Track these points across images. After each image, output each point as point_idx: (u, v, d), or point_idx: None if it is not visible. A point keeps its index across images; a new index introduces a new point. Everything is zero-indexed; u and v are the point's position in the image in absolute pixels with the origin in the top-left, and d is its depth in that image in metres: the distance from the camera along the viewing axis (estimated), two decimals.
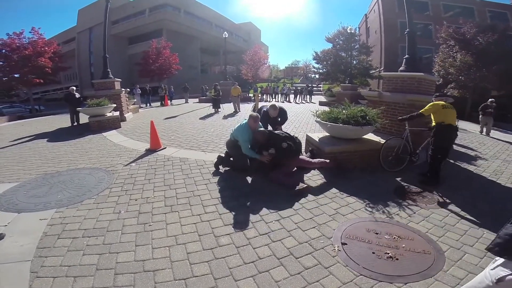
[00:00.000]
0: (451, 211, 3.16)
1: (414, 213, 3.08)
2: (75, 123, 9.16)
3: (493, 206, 3.37)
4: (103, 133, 7.32)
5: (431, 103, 4.18)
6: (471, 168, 5.06)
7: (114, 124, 8.12)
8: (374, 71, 27.92)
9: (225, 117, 10.56)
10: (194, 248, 2.30)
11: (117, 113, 8.75)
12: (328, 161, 4.14)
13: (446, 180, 4.22)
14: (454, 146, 6.52)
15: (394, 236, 2.55)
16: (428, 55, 21.00)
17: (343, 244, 2.39)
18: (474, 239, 2.59)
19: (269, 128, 5.20)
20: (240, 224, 2.71)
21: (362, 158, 4.52)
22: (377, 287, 1.95)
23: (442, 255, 2.31)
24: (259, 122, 4.27)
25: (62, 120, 10.66)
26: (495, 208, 3.29)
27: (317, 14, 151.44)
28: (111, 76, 9.47)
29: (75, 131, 7.92)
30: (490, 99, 10.11)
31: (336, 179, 3.92)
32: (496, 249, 1.20)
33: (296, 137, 4.33)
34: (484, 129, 9.72)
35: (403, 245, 2.41)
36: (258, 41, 51.74)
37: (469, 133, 9.24)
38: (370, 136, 4.95)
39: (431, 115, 4.13)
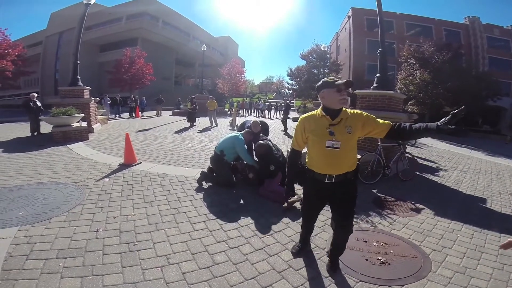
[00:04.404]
0: (426, 218, 3.41)
1: (394, 221, 3.28)
2: (35, 133, 8.34)
3: (460, 211, 3.73)
4: (68, 145, 6.75)
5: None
6: (435, 179, 5.55)
7: (81, 135, 7.53)
8: None
9: (202, 131, 10.38)
10: (189, 267, 2.17)
11: (84, 124, 8.16)
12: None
13: (416, 191, 4.56)
14: (419, 160, 7.12)
15: (381, 243, 2.68)
16: (390, 73, 22.56)
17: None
18: (451, 242, 2.84)
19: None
20: (234, 240, 2.63)
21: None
22: None
23: (427, 258, 2.49)
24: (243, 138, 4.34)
25: (20, 129, 9.70)
26: (461, 214, 3.63)
27: (293, 31, 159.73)
28: (81, 84, 8.87)
29: (36, 142, 7.19)
30: None
31: None
32: None
33: (282, 155, 4.41)
34: None
35: (392, 251, 2.55)
36: (235, 56, 52.01)
37: (428, 147, 10.15)
38: None
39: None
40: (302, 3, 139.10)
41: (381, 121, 1.85)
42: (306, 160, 2.05)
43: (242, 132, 4.40)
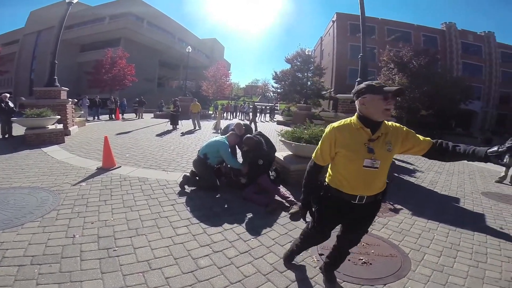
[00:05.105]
0: (404, 218, 3.54)
1: (374, 221, 3.35)
2: (7, 136, 7.85)
3: (435, 211, 3.90)
4: (42, 148, 6.41)
5: None
6: (412, 180, 5.79)
7: (56, 138, 7.18)
8: (325, 92, 30.22)
9: (185, 134, 10.21)
10: (172, 272, 2.12)
11: (60, 126, 7.79)
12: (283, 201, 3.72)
13: (394, 192, 4.73)
14: (396, 162, 7.41)
15: (362, 243, 2.71)
16: (371, 77, 22.89)
17: (320, 255, 2.48)
18: (428, 241, 2.96)
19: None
20: (218, 244, 2.60)
21: (323, 174, 4.75)
22: None
23: (407, 257, 2.58)
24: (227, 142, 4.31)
25: None
26: (437, 213, 3.81)
27: (279, 34, 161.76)
28: (57, 84, 8.48)
29: (7, 145, 6.78)
30: None
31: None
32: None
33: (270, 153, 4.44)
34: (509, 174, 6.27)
35: (372, 251, 2.62)
36: (221, 58, 51.68)
37: None
38: None
39: None
40: (289, 7, 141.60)
41: (421, 137, 1.60)
42: (329, 177, 1.73)
43: (227, 135, 4.36)
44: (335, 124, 1.63)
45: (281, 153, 5.29)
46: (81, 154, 6.05)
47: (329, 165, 1.74)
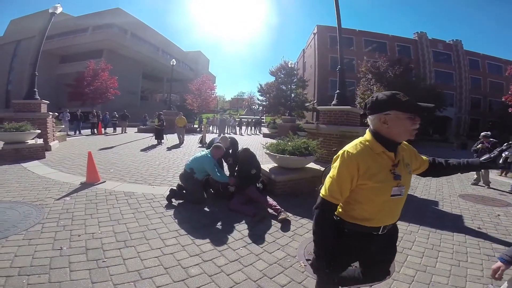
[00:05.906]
0: None
1: None
2: None
3: (415, 214, 4.10)
4: (22, 164, 6.19)
5: None
6: None
7: (36, 153, 6.95)
8: (308, 103, 30.92)
9: (170, 149, 10.12)
10: (163, 281, 2.14)
11: (41, 141, 7.54)
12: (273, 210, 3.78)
13: None
14: None
15: None
16: (351, 88, 22.74)
17: (307, 260, 2.56)
18: (410, 243, 3.11)
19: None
20: (207, 253, 2.64)
21: (307, 184, 4.91)
22: None
23: None
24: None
25: None
26: (417, 216, 4.00)
27: (264, 47, 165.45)
28: (38, 97, 8.25)
29: None
30: (483, 133, 6.64)
31: (288, 204, 4.12)
32: None
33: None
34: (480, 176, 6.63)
35: None
36: (206, 71, 51.75)
37: None
38: (312, 165, 5.43)
39: None
40: (273, 20, 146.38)
41: (422, 156, 1.49)
42: (341, 210, 1.41)
43: (211, 149, 4.38)
44: (349, 149, 1.28)
45: (267, 165, 5.41)
46: (63, 170, 5.89)
47: None
